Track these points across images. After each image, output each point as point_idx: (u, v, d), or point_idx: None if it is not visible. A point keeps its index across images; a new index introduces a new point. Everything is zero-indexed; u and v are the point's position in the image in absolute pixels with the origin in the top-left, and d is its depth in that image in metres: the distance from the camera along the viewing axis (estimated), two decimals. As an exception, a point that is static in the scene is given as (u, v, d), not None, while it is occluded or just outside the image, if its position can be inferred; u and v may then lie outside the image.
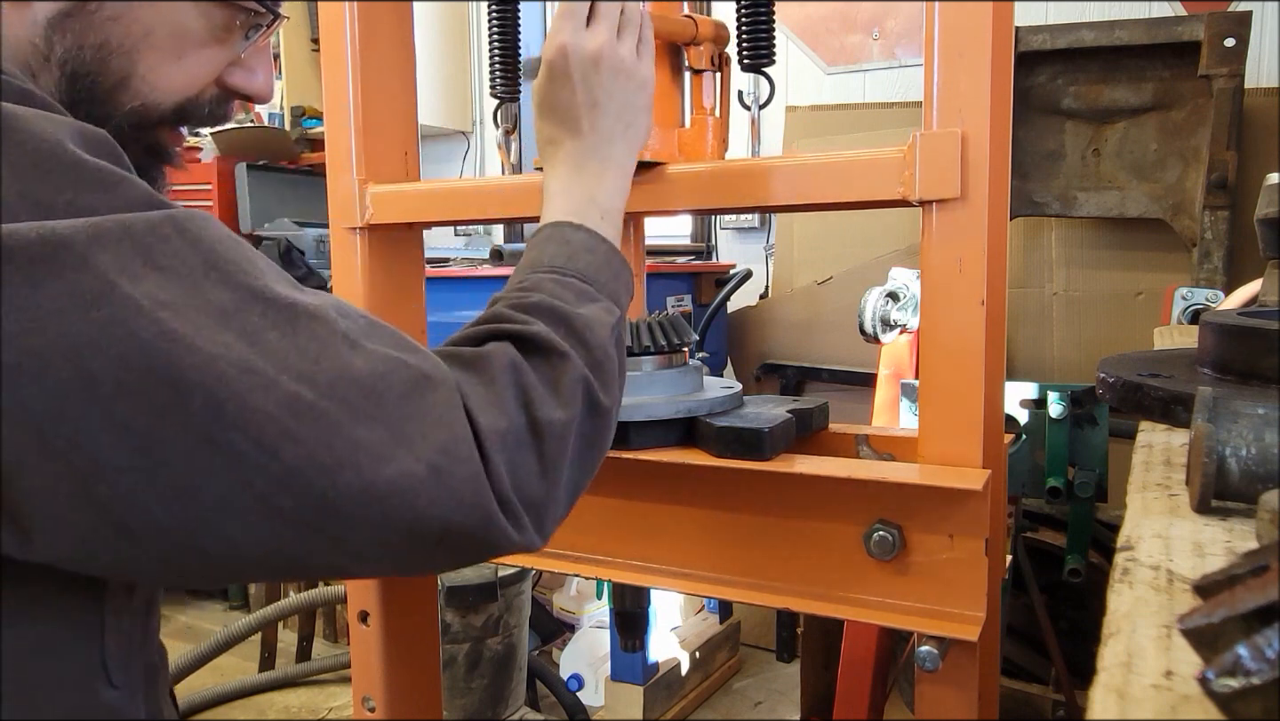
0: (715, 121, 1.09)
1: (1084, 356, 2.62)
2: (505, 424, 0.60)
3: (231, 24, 0.70)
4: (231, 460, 0.50)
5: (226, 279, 0.53)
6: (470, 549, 0.59)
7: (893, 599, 0.84)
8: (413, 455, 0.55)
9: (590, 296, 0.72)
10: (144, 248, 0.51)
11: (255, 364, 0.51)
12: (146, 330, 0.49)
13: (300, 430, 0.51)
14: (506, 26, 1.19)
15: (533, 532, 0.61)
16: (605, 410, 0.68)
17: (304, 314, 0.55)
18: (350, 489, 0.53)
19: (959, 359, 0.85)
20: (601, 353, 0.68)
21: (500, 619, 2.15)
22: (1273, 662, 0.28)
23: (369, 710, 1.19)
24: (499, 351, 0.63)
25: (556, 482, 0.63)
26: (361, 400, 0.54)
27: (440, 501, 0.55)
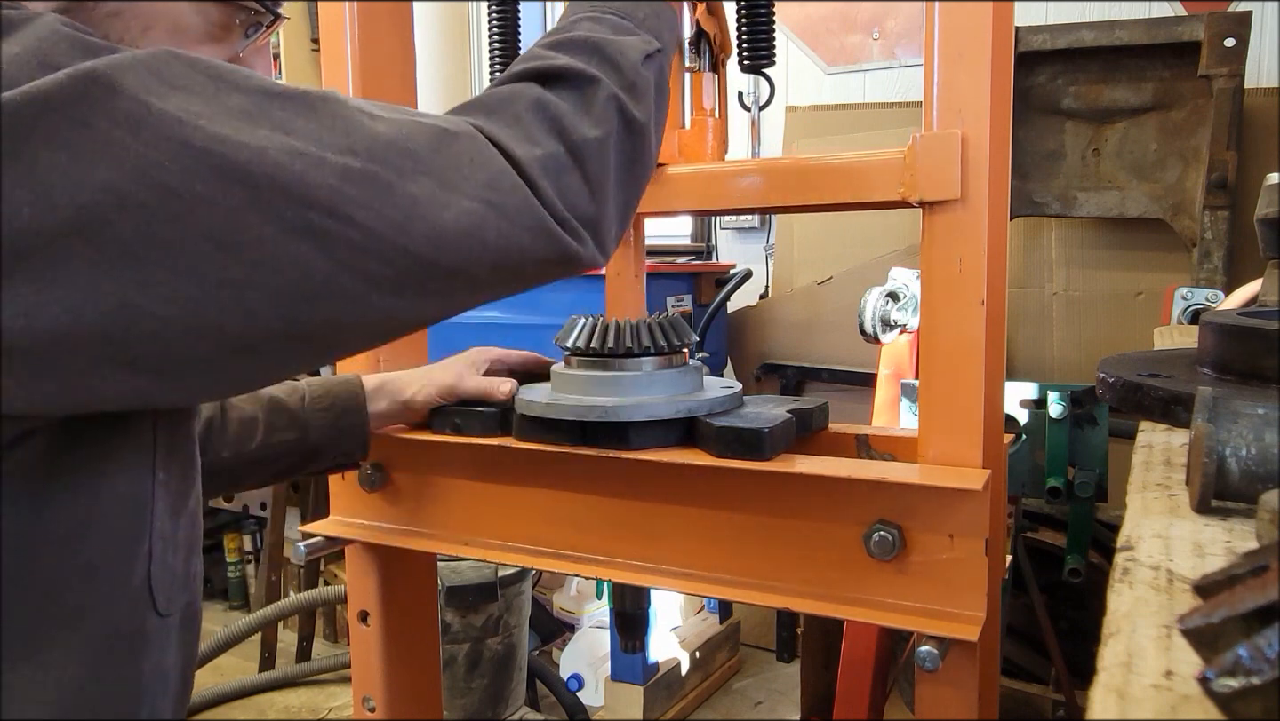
0: (715, 122, 1.09)
1: (1084, 356, 2.62)
2: (541, 151, 0.63)
3: (231, 22, 0.71)
4: (316, 239, 0.53)
5: (235, 86, 0.55)
6: (544, 267, 0.63)
7: (893, 599, 0.84)
8: (465, 196, 0.58)
9: (627, 30, 0.74)
10: (155, 71, 0.52)
11: (299, 147, 0.54)
12: (195, 138, 0.51)
13: (362, 195, 0.55)
14: (506, 26, 1.19)
15: (594, 247, 0.65)
16: (641, 125, 0.70)
17: (317, 99, 0.57)
18: (425, 238, 0.56)
19: (959, 359, 0.85)
20: (634, 73, 0.70)
21: (500, 619, 2.15)
22: (1273, 662, 0.28)
23: (369, 710, 1.19)
24: (520, 90, 0.66)
25: (604, 199, 0.66)
26: (401, 159, 0.57)
27: (505, 231, 0.59)
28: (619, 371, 0.96)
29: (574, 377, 0.98)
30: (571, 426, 0.95)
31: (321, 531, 1.12)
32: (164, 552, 0.67)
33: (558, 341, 1.00)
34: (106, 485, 0.62)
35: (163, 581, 0.67)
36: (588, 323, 0.98)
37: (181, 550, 0.70)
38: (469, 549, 1.05)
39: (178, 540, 0.69)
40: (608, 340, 0.96)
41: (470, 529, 1.06)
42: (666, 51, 0.77)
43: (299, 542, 1.09)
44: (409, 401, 1.05)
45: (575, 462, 0.97)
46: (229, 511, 3.07)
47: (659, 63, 0.75)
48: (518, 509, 1.02)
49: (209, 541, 3.27)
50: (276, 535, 2.80)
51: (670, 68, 0.79)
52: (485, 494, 1.04)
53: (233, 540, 3.38)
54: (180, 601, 0.70)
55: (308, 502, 2.84)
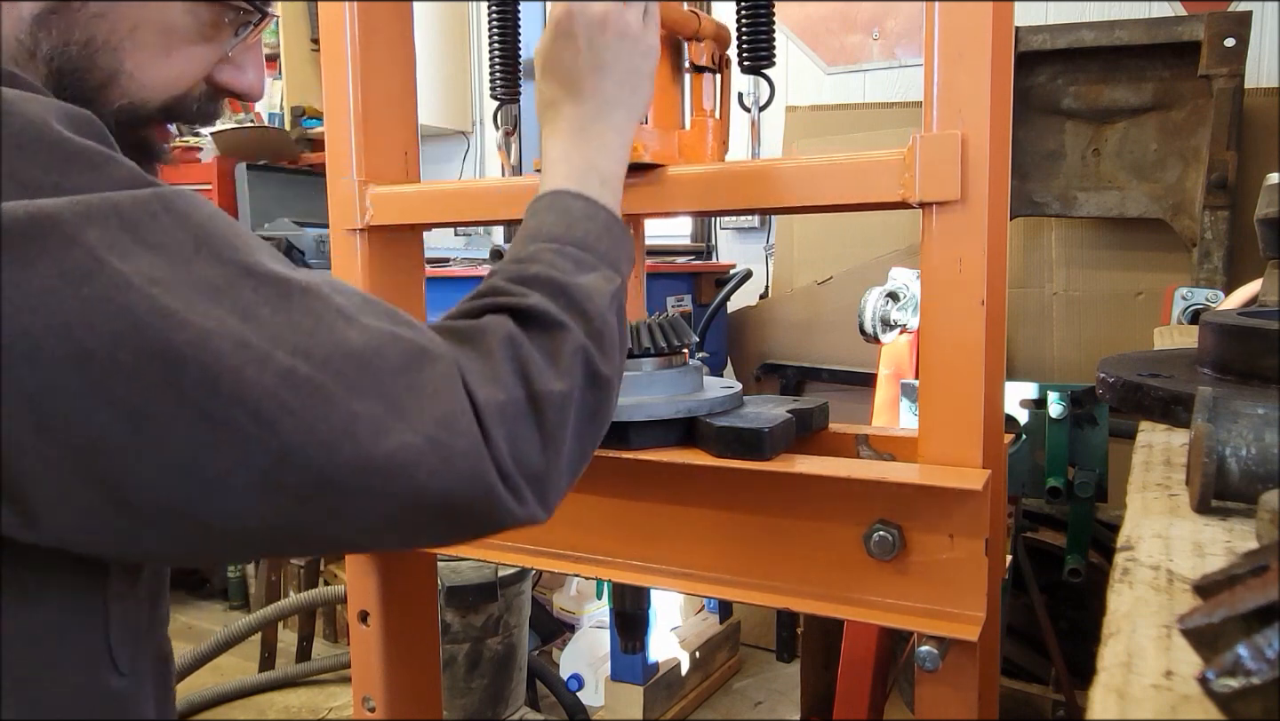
0: (715, 123, 1.09)
1: (1084, 356, 2.62)
2: (504, 396, 0.59)
3: (220, 21, 0.70)
4: (229, 435, 0.50)
5: (216, 255, 0.52)
6: (473, 521, 0.59)
7: (893, 599, 0.84)
8: (411, 428, 0.54)
9: (589, 265, 0.71)
10: (132, 225, 0.50)
11: (249, 338, 0.51)
12: (138, 306, 0.48)
13: (297, 404, 0.51)
14: (506, 27, 1.19)
15: (535, 505, 0.61)
16: (606, 380, 0.67)
17: (297, 289, 0.54)
18: (350, 462, 0.52)
19: (959, 359, 0.85)
20: (600, 321, 0.67)
21: (500, 619, 2.15)
22: (1273, 662, 0.28)
23: (369, 710, 1.19)
24: (495, 324, 0.63)
25: (558, 454, 0.62)
26: (357, 374, 0.53)
27: (440, 474, 0.55)
28: (619, 371, 0.96)
29: (574, 377, 0.98)
30: (571, 426, 0.95)
31: (321, 531, 1.12)
32: (123, 615, 0.63)
33: (558, 341, 1.00)
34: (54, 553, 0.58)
35: (124, 641, 0.63)
36: (588, 323, 0.98)
37: (144, 602, 0.67)
38: (469, 549, 1.05)
39: (138, 594, 0.66)
40: (608, 340, 0.95)
41: (470, 529, 1.06)
42: (625, 284, 0.75)
43: (299, 542, 1.09)
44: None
45: (575, 462, 0.97)
46: (229, 511, 3.06)
47: (620, 300, 0.72)
48: (518, 509, 1.02)
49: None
50: (276, 535, 2.80)
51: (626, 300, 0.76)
52: (485, 494, 1.04)
53: (233, 540, 3.37)
54: (148, 652, 0.67)
55: (308, 502, 2.83)
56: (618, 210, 0.79)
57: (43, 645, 0.58)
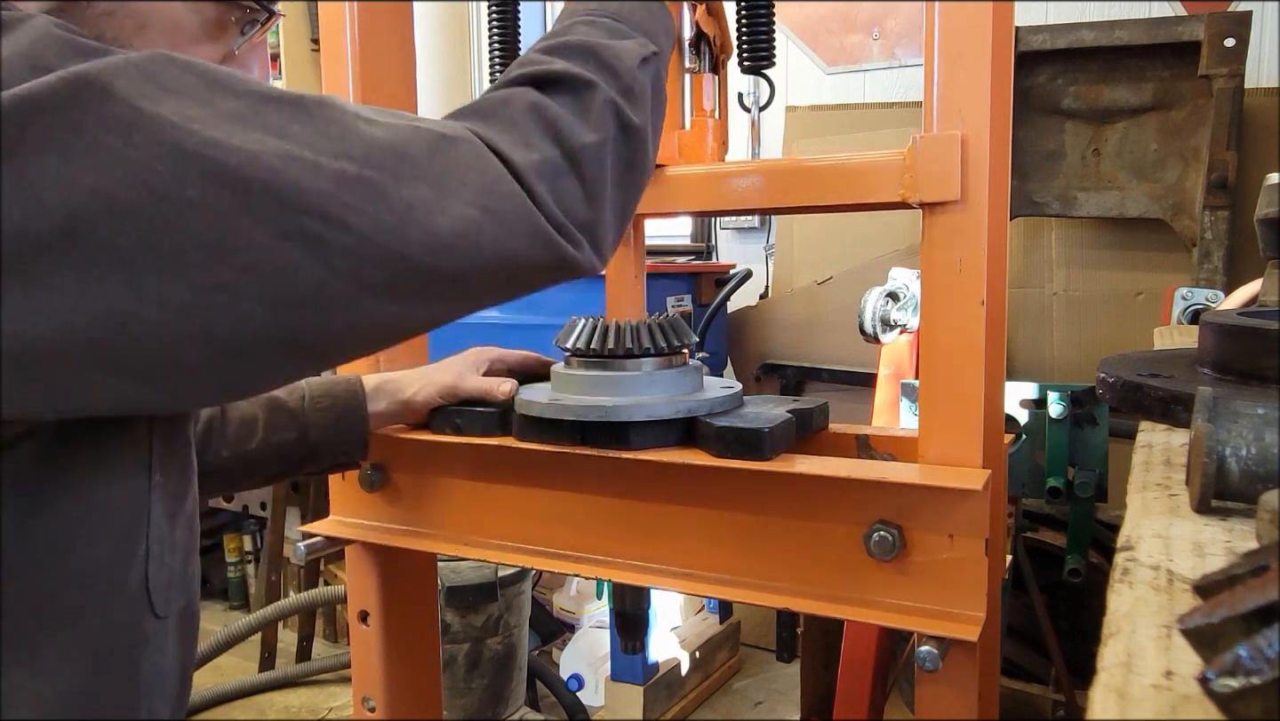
0: (715, 123, 1.09)
1: (1084, 356, 2.62)
2: (538, 156, 0.62)
3: (226, 20, 0.71)
4: (308, 244, 0.53)
5: (230, 90, 0.55)
6: (541, 273, 0.63)
7: (893, 599, 0.84)
8: (461, 202, 0.58)
9: (623, 34, 0.74)
10: (149, 75, 0.52)
11: (294, 151, 0.53)
12: (188, 142, 0.50)
13: (357, 200, 0.54)
14: (506, 27, 1.19)
15: (590, 252, 0.65)
16: (638, 130, 0.69)
17: (313, 103, 0.57)
18: (420, 244, 0.56)
19: (959, 359, 0.85)
20: (630, 77, 0.70)
21: (500, 619, 2.15)
22: (1273, 662, 0.28)
23: (369, 710, 1.19)
24: (517, 95, 0.66)
25: (601, 205, 0.66)
26: (397, 164, 0.57)
27: (501, 237, 0.59)
28: (619, 371, 0.96)
29: (574, 378, 0.98)
30: (572, 426, 0.95)
31: (321, 531, 1.12)
32: (161, 554, 0.67)
33: (557, 342, 1.00)
34: (102, 488, 0.62)
35: (160, 583, 0.67)
36: (587, 324, 0.98)
37: (179, 552, 0.70)
38: (469, 549, 1.05)
39: (175, 542, 0.69)
40: (608, 341, 0.96)
41: (470, 529, 1.06)
42: (663, 54, 0.77)
43: (299, 543, 1.09)
44: (409, 401, 1.05)
45: (575, 463, 0.97)
46: (229, 511, 3.07)
47: (655, 66, 0.74)
48: (518, 509, 1.02)
49: (209, 541, 3.27)
50: (276, 535, 2.80)
51: (667, 69, 0.79)
52: (485, 494, 1.04)
53: (233, 540, 3.38)
54: (178, 603, 0.70)
55: (308, 502, 2.84)
56: None
57: (88, 584, 0.62)
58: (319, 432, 1.00)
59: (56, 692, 0.61)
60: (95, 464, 0.62)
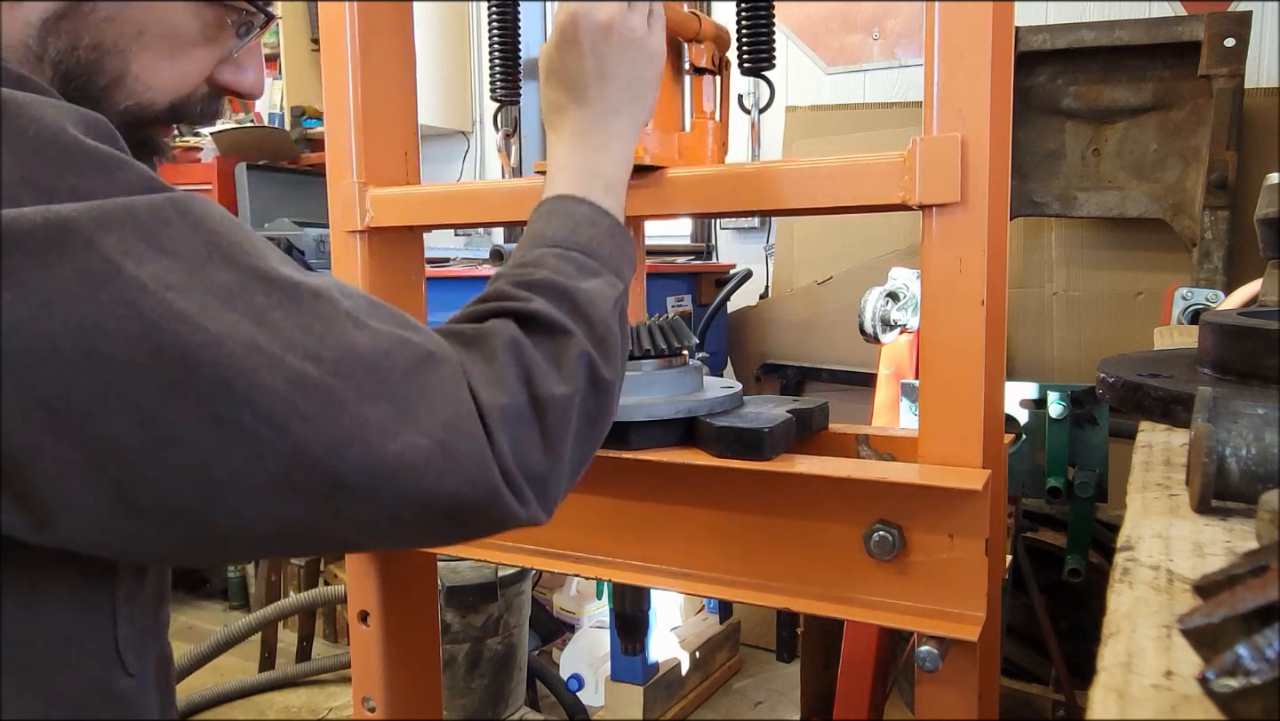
0: (715, 125, 1.09)
1: (1084, 356, 2.62)
2: (507, 400, 0.60)
3: (223, 23, 0.70)
4: (241, 437, 0.51)
5: (229, 260, 0.53)
6: (477, 522, 0.60)
7: (893, 599, 0.85)
8: (418, 430, 0.55)
9: (593, 271, 0.72)
10: (147, 231, 0.51)
11: (261, 342, 0.52)
12: (154, 311, 0.49)
13: (308, 407, 0.52)
14: (506, 28, 1.19)
15: (536, 506, 0.62)
16: (608, 385, 0.68)
17: (307, 293, 0.55)
18: (359, 465, 0.53)
19: (959, 359, 0.85)
20: (604, 327, 0.68)
21: (500, 619, 2.15)
22: (1273, 662, 0.28)
23: (369, 710, 1.19)
24: (500, 328, 0.64)
25: (560, 458, 0.64)
26: (367, 377, 0.55)
27: (447, 476, 0.56)
28: (619, 371, 0.96)
29: (574, 378, 0.98)
30: (572, 426, 0.95)
31: (322, 531, 1.12)
32: (131, 614, 0.64)
33: (558, 342, 1.00)
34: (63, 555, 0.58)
35: (131, 643, 0.64)
36: (588, 323, 0.98)
37: (149, 604, 0.67)
38: (469, 549, 1.05)
39: (145, 595, 0.67)
40: (608, 340, 0.96)
41: (470, 529, 1.06)
42: (627, 288, 0.75)
43: (299, 543, 1.09)
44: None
45: (575, 463, 0.97)
46: (229, 511, 3.06)
47: (622, 306, 0.73)
48: (518, 509, 1.02)
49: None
50: (276, 535, 2.80)
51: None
52: (485, 494, 1.04)
53: (233, 540, 3.37)
54: (152, 653, 0.68)
55: (308, 503, 2.83)
56: (621, 216, 0.80)
57: (54, 646, 0.59)
58: None
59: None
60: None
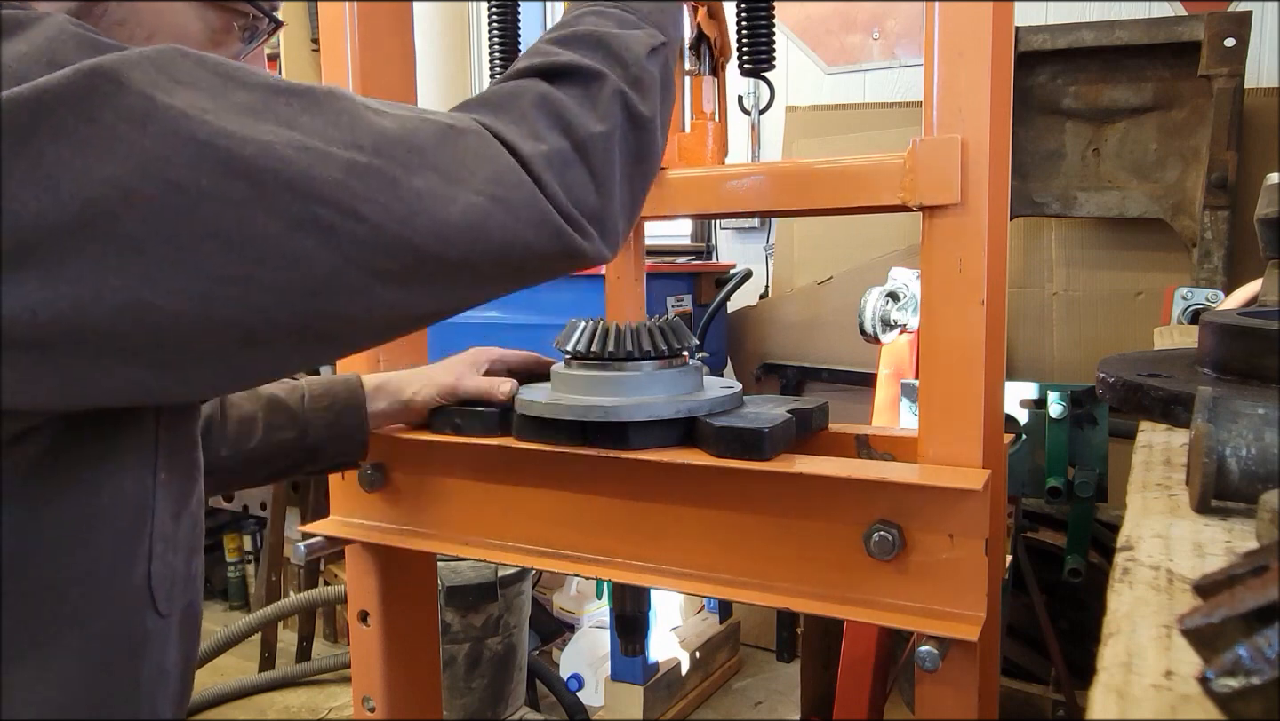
0: (715, 126, 1.09)
1: (1084, 356, 2.62)
2: (546, 147, 0.63)
3: (230, 27, 0.72)
4: (321, 233, 0.53)
5: (241, 82, 0.55)
6: (552, 264, 0.64)
7: (893, 599, 0.84)
8: (470, 190, 0.58)
9: (632, 24, 0.74)
10: (162, 67, 0.53)
11: (306, 141, 0.54)
12: (202, 132, 0.51)
13: (368, 190, 0.55)
14: (506, 26, 1.19)
15: (600, 242, 0.65)
16: (647, 121, 0.70)
17: (323, 94, 0.58)
18: (430, 232, 0.57)
19: (959, 359, 0.85)
20: (638, 68, 0.70)
21: (500, 619, 2.15)
22: (1273, 662, 0.28)
23: (369, 710, 1.19)
24: (525, 87, 0.66)
25: (610, 195, 0.66)
26: (406, 154, 0.57)
27: (509, 226, 0.59)
28: (619, 371, 0.96)
29: (574, 377, 0.98)
30: (572, 426, 0.95)
31: (321, 531, 1.12)
32: (165, 553, 0.67)
33: (557, 345, 1.01)
34: (108, 484, 0.62)
35: (163, 582, 0.67)
36: (587, 326, 0.98)
37: (183, 551, 0.70)
38: (469, 549, 1.05)
39: (179, 540, 0.69)
40: (607, 344, 0.96)
41: (470, 529, 1.06)
42: (671, 45, 0.77)
43: (299, 543, 1.09)
44: (409, 401, 1.05)
45: (575, 463, 0.97)
46: (229, 511, 3.07)
47: (664, 56, 0.75)
48: (518, 509, 1.02)
49: (209, 541, 3.26)
50: (276, 535, 2.80)
51: (676, 62, 0.79)
52: (485, 494, 1.04)
53: (233, 540, 3.38)
54: (181, 602, 0.70)
55: (308, 502, 2.84)
56: None
57: (95, 582, 0.62)
58: (318, 432, 1.00)
59: (59, 690, 0.61)
60: (100, 461, 0.62)
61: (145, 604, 0.66)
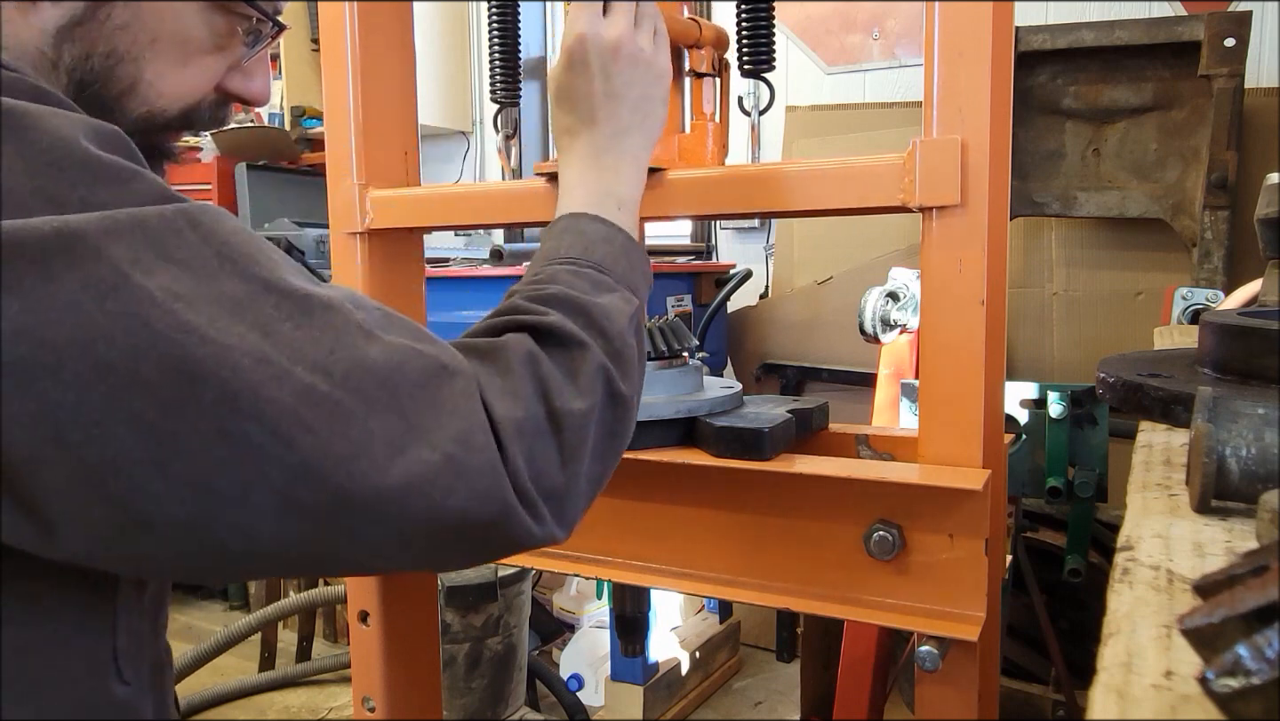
0: (715, 127, 1.09)
1: (1084, 356, 2.62)
2: (522, 413, 0.59)
3: (233, 31, 0.71)
4: (246, 452, 0.50)
5: (239, 271, 0.52)
6: (490, 542, 0.58)
7: (893, 599, 0.85)
8: (428, 445, 0.54)
9: (608, 286, 0.71)
10: (157, 240, 0.50)
11: (269, 354, 0.51)
12: (160, 321, 0.48)
13: (315, 421, 0.51)
14: (507, 29, 1.19)
15: (552, 525, 0.60)
16: (625, 399, 0.67)
17: (318, 305, 0.54)
18: (366, 480, 0.52)
19: (959, 359, 0.85)
20: (620, 341, 0.68)
21: (500, 619, 2.15)
22: (1273, 662, 0.28)
23: (369, 710, 1.19)
24: (516, 342, 0.62)
25: (577, 474, 0.62)
26: (377, 390, 0.53)
27: (457, 492, 0.54)
28: (619, 372, 0.96)
29: (574, 378, 0.98)
30: (572, 427, 0.95)
31: (322, 532, 1.12)
32: (130, 623, 0.64)
33: (558, 342, 1.00)
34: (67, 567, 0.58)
35: (128, 651, 0.63)
36: (588, 323, 0.98)
37: (149, 611, 0.67)
38: (469, 549, 1.05)
39: (144, 607, 0.66)
40: (608, 341, 0.96)
41: (470, 529, 1.06)
42: (643, 306, 0.75)
43: (299, 543, 1.09)
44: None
45: (575, 463, 0.97)
46: (229, 511, 3.07)
47: (637, 322, 0.72)
48: (518, 509, 1.02)
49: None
50: (277, 535, 2.80)
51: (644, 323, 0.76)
52: (485, 494, 1.04)
53: (233, 540, 3.37)
54: (147, 658, 0.67)
55: (308, 503, 2.83)
56: (635, 234, 0.79)
57: (52, 655, 0.58)
58: None
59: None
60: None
61: (110, 675, 0.62)
